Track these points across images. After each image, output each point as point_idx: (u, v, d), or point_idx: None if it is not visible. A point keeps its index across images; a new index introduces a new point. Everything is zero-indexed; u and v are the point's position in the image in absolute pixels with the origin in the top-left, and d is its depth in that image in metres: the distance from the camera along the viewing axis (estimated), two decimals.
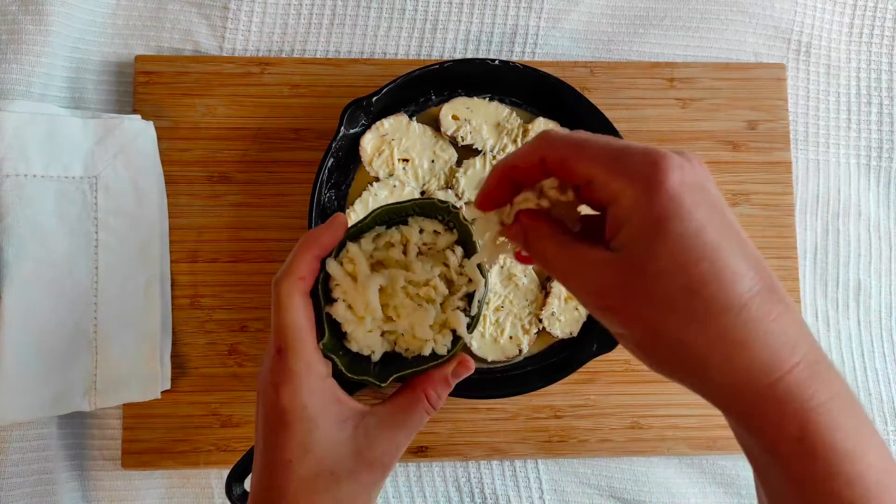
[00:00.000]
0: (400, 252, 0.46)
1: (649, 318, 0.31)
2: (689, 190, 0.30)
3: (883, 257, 0.71)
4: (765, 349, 0.30)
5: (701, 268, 0.30)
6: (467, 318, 0.46)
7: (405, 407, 0.44)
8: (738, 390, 0.31)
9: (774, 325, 0.30)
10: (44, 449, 0.59)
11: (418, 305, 0.45)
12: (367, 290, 0.44)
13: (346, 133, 0.60)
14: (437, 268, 0.46)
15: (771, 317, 0.30)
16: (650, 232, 0.30)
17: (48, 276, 0.58)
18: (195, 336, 0.63)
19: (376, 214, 0.45)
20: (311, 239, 0.43)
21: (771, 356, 0.30)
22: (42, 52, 0.62)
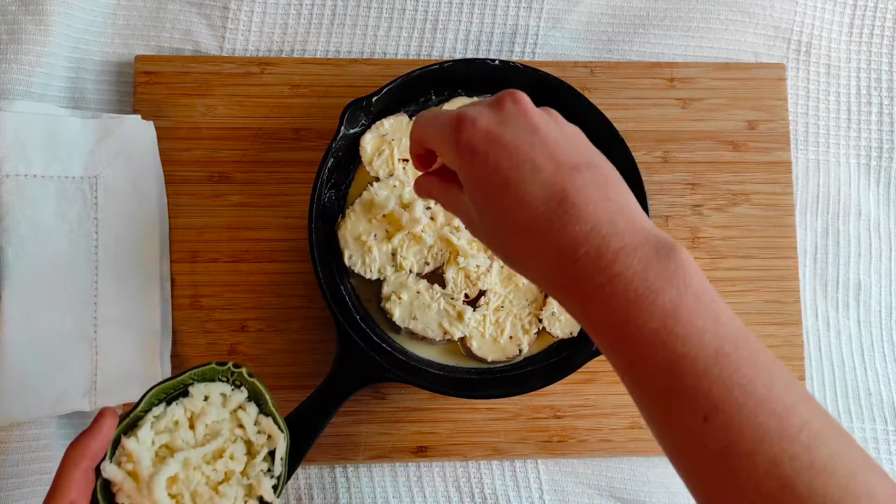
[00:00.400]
0: (188, 429, 0.44)
1: (489, 242, 0.41)
2: (480, 141, 0.38)
3: (883, 257, 0.71)
4: (556, 250, 0.37)
5: (500, 202, 0.38)
6: (273, 480, 0.45)
7: None
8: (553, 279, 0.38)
9: (559, 235, 0.36)
10: (44, 449, 0.59)
11: (217, 485, 0.43)
12: (153, 488, 0.41)
13: (346, 133, 0.60)
14: (233, 431, 0.45)
15: (555, 227, 0.36)
16: (463, 180, 0.40)
17: (48, 276, 0.58)
18: (195, 336, 0.63)
19: (150, 396, 0.43)
20: (76, 451, 0.41)
21: (561, 251, 0.36)
22: (42, 52, 0.62)
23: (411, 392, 0.63)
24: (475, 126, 0.39)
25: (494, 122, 0.39)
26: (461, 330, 0.60)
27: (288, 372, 0.63)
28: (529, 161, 0.38)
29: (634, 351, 0.35)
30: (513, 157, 0.38)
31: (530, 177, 0.37)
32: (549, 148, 0.38)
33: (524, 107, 0.40)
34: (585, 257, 0.35)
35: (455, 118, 0.40)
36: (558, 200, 0.37)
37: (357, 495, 0.63)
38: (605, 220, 0.36)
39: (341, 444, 0.62)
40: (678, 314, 0.34)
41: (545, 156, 0.38)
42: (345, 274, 0.61)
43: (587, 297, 0.36)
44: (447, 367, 0.61)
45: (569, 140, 0.40)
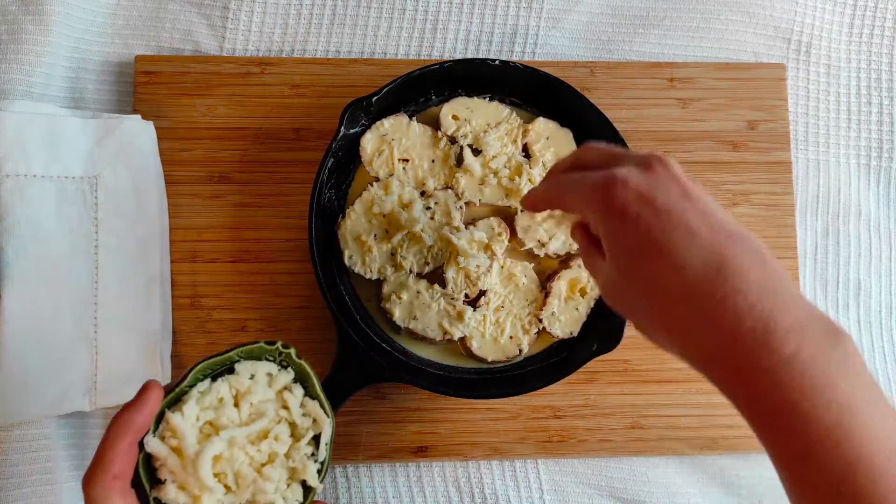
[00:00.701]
0: (232, 407, 0.42)
1: (633, 313, 0.39)
2: (633, 202, 0.37)
3: (883, 257, 0.71)
4: (715, 323, 0.34)
5: (651, 267, 0.36)
6: (317, 465, 0.43)
7: None
8: (710, 357, 0.35)
9: (721, 306, 0.34)
10: (44, 449, 0.59)
11: (261, 467, 0.42)
12: (199, 465, 0.39)
13: (346, 133, 0.60)
14: (279, 412, 0.43)
15: (716, 297, 0.34)
16: (609, 244, 0.38)
17: (48, 276, 0.58)
18: (195, 336, 0.62)
19: (195, 372, 0.42)
20: (121, 424, 0.39)
21: (722, 324, 0.34)
22: (42, 52, 0.62)
23: (411, 392, 0.63)
24: (627, 187, 0.37)
25: (646, 184, 0.37)
26: (461, 330, 0.60)
27: None
28: (684, 226, 0.36)
29: (805, 446, 0.32)
30: (666, 221, 0.36)
31: (686, 242, 0.35)
32: (702, 213, 0.36)
33: (675, 171, 0.38)
34: (751, 334, 0.33)
35: (605, 179, 0.38)
36: (717, 268, 0.34)
37: (357, 495, 0.63)
38: (769, 293, 0.34)
39: (341, 444, 0.62)
40: (853, 409, 0.32)
41: (699, 221, 0.36)
42: (345, 274, 0.61)
43: (753, 380, 0.33)
44: (447, 367, 0.61)
45: (717, 208, 0.38)
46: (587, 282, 0.61)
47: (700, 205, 0.37)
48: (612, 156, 0.41)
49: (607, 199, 0.37)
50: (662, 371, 0.65)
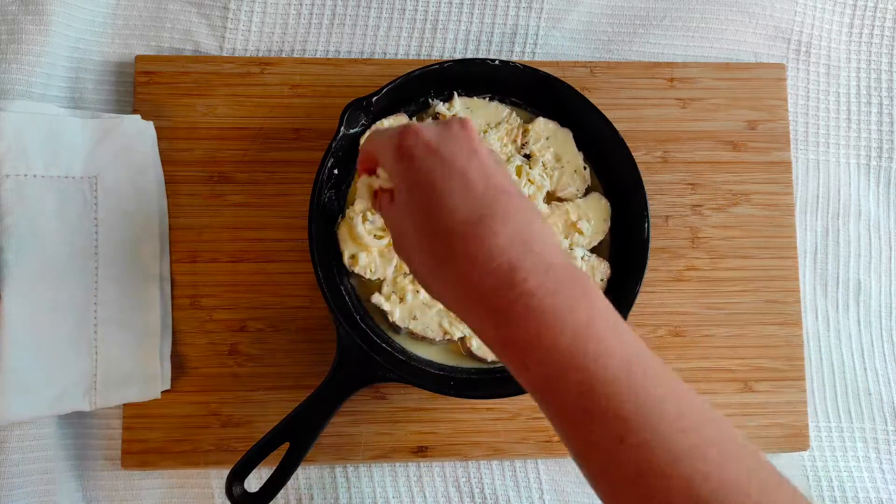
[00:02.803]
0: None
1: (410, 254, 0.42)
2: (420, 149, 0.40)
3: (883, 257, 0.71)
4: (469, 259, 0.37)
5: (425, 203, 0.39)
6: None
7: None
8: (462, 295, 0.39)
9: (475, 245, 0.37)
10: (44, 449, 0.59)
11: None
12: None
13: (346, 133, 0.60)
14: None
15: (473, 237, 0.37)
16: (396, 185, 0.42)
17: (48, 276, 0.58)
18: (195, 336, 0.63)
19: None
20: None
21: (474, 261, 0.37)
22: (42, 52, 0.62)
23: (411, 392, 0.63)
24: (418, 136, 0.41)
25: (437, 137, 0.41)
26: (461, 330, 0.60)
27: (288, 372, 0.63)
28: (462, 174, 0.39)
29: (548, 369, 0.35)
30: (446, 168, 0.39)
31: (460, 189, 0.39)
32: (485, 169, 0.40)
33: (469, 131, 0.42)
34: (498, 271, 0.36)
35: (401, 128, 0.42)
36: (482, 215, 0.38)
37: (357, 495, 0.63)
38: (521, 241, 0.37)
39: (341, 444, 0.62)
40: (589, 332, 0.35)
41: (478, 175, 0.39)
42: (345, 274, 0.61)
43: (498, 313, 0.36)
44: (447, 367, 0.61)
45: (502, 169, 0.41)
46: None
47: (484, 164, 0.40)
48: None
49: (399, 145, 0.41)
50: None
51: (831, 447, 0.67)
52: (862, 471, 0.66)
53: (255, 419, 0.62)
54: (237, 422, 0.62)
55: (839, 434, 0.67)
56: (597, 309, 0.36)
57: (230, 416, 0.62)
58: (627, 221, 0.62)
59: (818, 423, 0.67)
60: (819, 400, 0.68)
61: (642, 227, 0.60)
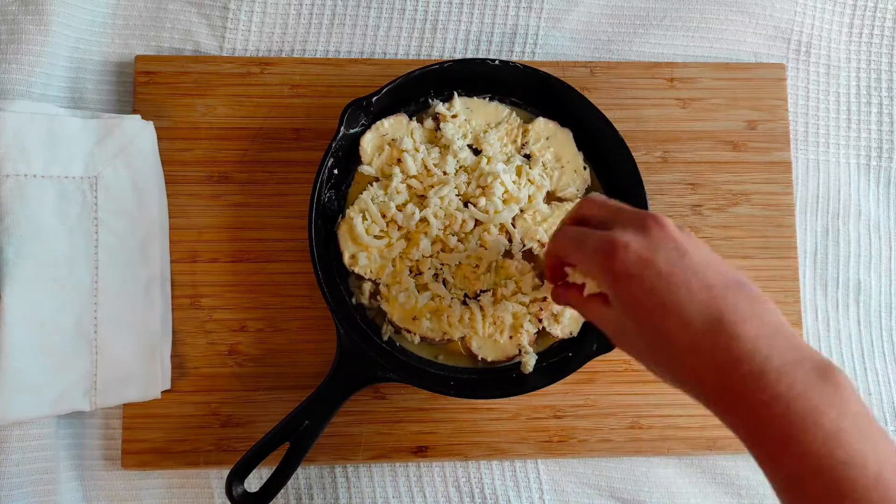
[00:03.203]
0: None
1: (641, 356, 0.44)
2: (634, 266, 0.41)
3: (883, 257, 0.71)
4: (718, 367, 0.39)
5: (658, 322, 0.41)
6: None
7: None
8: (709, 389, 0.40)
9: (722, 353, 0.38)
10: (44, 449, 0.59)
11: None
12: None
13: (346, 133, 0.60)
14: None
15: (717, 346, 0.39)
16: (618, 302, 0.43)
17: (48, 275, 0.58)
18: (195, 336, 0.63)
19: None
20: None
21: (723, 369, 0.38)
22: (42, 52, 0.62)
23: (411, 392, 0.63)
24: (628, 251, 0.42)
25: (646, 247, 0.42)
26: (461, 330, 0.60)
27: (288, 372, 0.63)
28: (684, 285, 0.41)
29: (796, 470, 0.36)
30: (668, 282, 0.41)
31: (686, 299, 0.40)
32: (699, 271, 0.41)
33: (670, 231, 0.43)
34: (749, 376, 0.37)
35: (607, 244, 0.43)
36: (717, 320, 0.39)
37: (357, 495, 0.63)
38: (764, 338, 0.38)
39: (341, 444, 0.62)
40: (840, 437, 0.35)
41: (697, 278, 0.41)
42: (345, 274, 0.61)
43: (750, 415, 0.38)
44: (447, 367, 0.61)
45: (713, 261, 0.42)
46: None
47: (696, 261, 0.42)
48: (612, 212, 0.46)
49: (612, 262, 0.42)
50: None
51: None
52: None
53: (255, 419, 0.62)
54: (237, 422, 0.62)
55: None
56: (849, 409, 0.36)
57: (230, 416, 0.62)
58: None
59: None
60: None
61: None
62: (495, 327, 0.60)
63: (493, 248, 0.60)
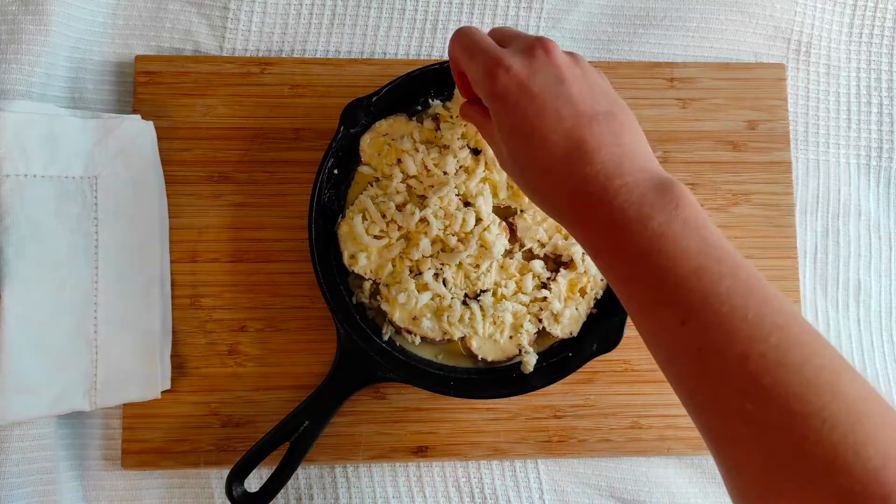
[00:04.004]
0: None
1: (516, 177, 0.47)
2: (512, 89, 0.43)
3: (883, 257, 0.71)
4: (570, 187, 0.42)
5: (526, 144, 0.44)
6: None
7: None
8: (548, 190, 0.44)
9: (574, 176, 0.42)
10: (44, 449, 0.59)
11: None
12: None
13: (346, 133, 0.60)
14: None
15: (571, 169, 0.42)
16: (495, 122, 0.46)
17: (48, 275, 0.58)
18: (195, 336, 0.63)
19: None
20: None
21: (574, 189, 0.42)
22: (42, 52, 0.62)
23: (411, 392, 0.63)
24: (508, 74, 0.44)
25: (525, 71, 0.44)
26: (461, 330, 0.60)
27: (288, 372, 0.63)
28: (554, 111, 0.43)
29: (627, 269, 0.40)
30: (540, 108, 0.43)
31: (553, 125, 0.43)
32: (573, 98, 0.43)
33: (553, 57, 0.45)
34: (593, 195, 0.41)
35: (492, 62, 0.44)
36: (575, 146, 0.42)
37: (357, 495, 0.63)
38: (612, 163, 0.41)
39: (341, 444, 0.62)
40: (664, 236, 0.39)
41: (568, 106, 0.43)
42: (345, 274, 0.61)
43: (592, 226, 0.42)
44: (447, 367, 0.61)
45: (592, 90, 0.44)
46: (587, 282, 0.61)
47: (573, 90, 0.44)
48: (512, 34, 0.48)
49: (493, 83, 0.44)
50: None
51: None
52: None
53: (255, 419, 0.62)
54: (237, 422, 0.62)
55: None
56: (679, 215, 0.39)
57: (230, 416, 0.62)
58: None
59: None
60: None
61: None
62: (495, 327, 0.60)
63: (493, 248, 0.60)
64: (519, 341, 0.60)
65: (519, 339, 0.60)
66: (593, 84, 0.45)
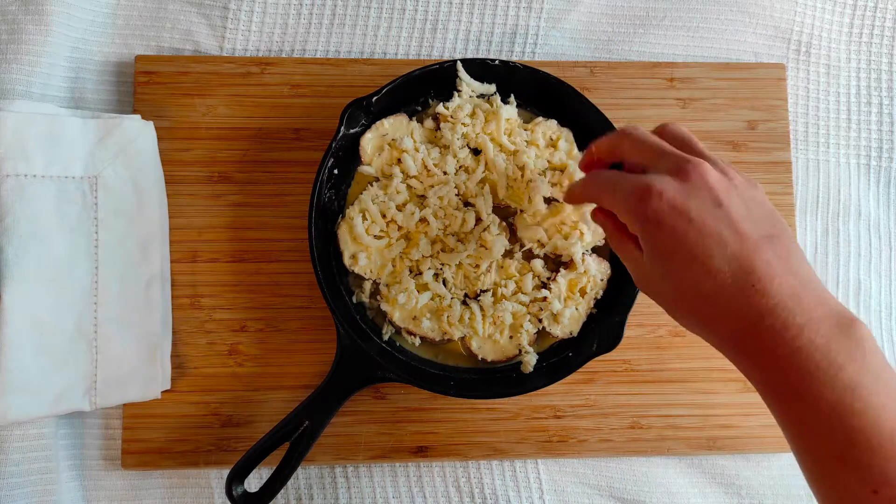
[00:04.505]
0: None
1: (664, 302, 0.45)
2: (667, 213, 0.41)
3: (883, 257, 0.71)
4: (741, 319, 0.40)
5: (685, 270, 0.41)
6: None
7: None
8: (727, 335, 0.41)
9: (746, 306, 0.39)
10: (44, 449, 0.59)
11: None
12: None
13: (346, 133, 0.60)
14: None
15: (742, 299, 0.39)
16: (647, 247, 0.43)
17: (48, 275, 0.58)
18: (195, 336, 0.63)
19: None
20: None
21: (746, 321, 0.39)
22: (42, 52, 0.62)
23: (411, 392, 0.63)
24: (662, 198, 0.41)
25: (680, 195, 0.42)
26: (461, 330, 0.60)
27: (288, 372, 0.63)
28: (716, 235, 0.41)
29: (810, 420, 0.37)
30: (699, 232, 0.41)
31: (717, 251, 0.40)
32: (734, 222, 0.41)
33: (707, 179, 0.42)
34: (770, 329, 0.38)
35: (641, 188, 0.42)
36: (745, 273, 0.40)
37: (357, 495, 0.63)
38: (789, 295, 0.39)
39: (341, 444, 0.62)
40: (857, 390, 0.36)
41: (730, 230, 0.41)
42: (345, 274, 0.61)
43: (769, 366, 0.39)
44: (447, 367, 0.61)
45: (751, 210, 0.42)
46: (587, 282, 0.61)
47: (732, 212, 0.41)
48: (651, 153, 0.45)
49: (644, 207, 0.42)
50: (662, 371, 0.65)
51: None
52: None
53: (255, 419, 0.62)
54: (237, 422, 0.62)
55: None
56: (868, 364, 0.37)
57: (230, 416, 0.62)
58: None
59: None
60: None
61: None
62: (495, 327, 0.60)
63: (493, 248, 0.60)
64: (519, 341, 0.60)
65: (519, 340, 0.60)
66: (750, 203, 0.43)
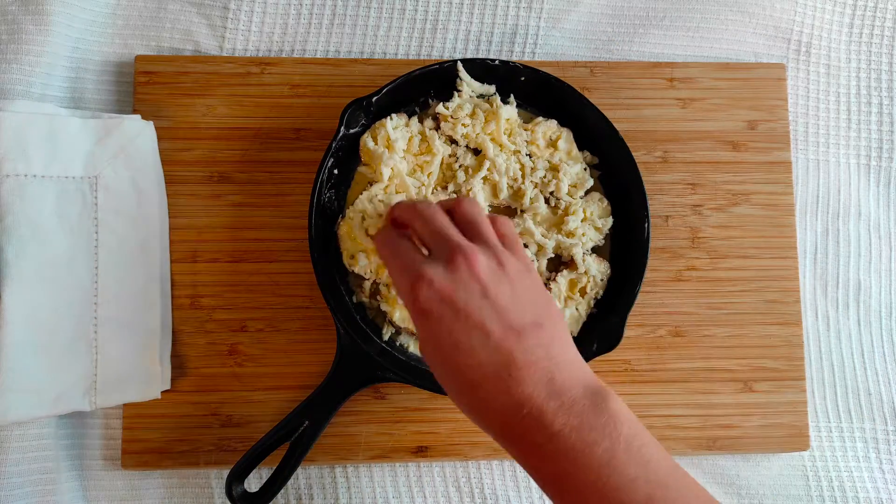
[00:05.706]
0: None
1: (442, 384, 0.46)
2: (435, 303, 0.42)
3: (883, 257, 0.71)
4: (503, 409, 0.42)
5: (453, 360, 0.42)
6: None
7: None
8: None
9: (506, 396, 0.41)
10: (44, 449, 0.59)
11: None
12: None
13: (346, 133, 0.60)
14: None
15: (501, 389, 0.41)
16: (420, 336, 0.45)
17: (48, 275, 0.58)
18: (195, 336, 0.63)
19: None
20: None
21: (507, 411, 0.41)
22: (42, 52, 0.62)
23: (411, 392, 0.63)
24: (431, 288, 0.42)
25: (449, 286, 0.43)
26: None
27: (288, 372, 0.63)
28: (480, 327, 0.42)
29: (574, 497, 0.40)
30: (465, 323, 0.42)
31: (480, 342, 0.42)
32: (500, 312, 0.42)
33: (476, 270, 0.43)
34: (528, 417, 0.40)
35: (414, 274, 0.43)
36: (505, 364, 0.41)
37: (357, 495, 0.63)
38: (545, 381, 0.41)
39: (341, 444, 0.62)
40: (611, 465, 0.39)
41: (495, 320, 0.42)
42: (345, 274, 0.61)
43: (532, 453, 0.41)
44: None
45: (519, 298, 0.43)
46: (587, 282, 0.61)
47: (499, 302, 0.42)
48: (433, 237, 0.46)
49: (415, 295, 0.43)
50: (662, 371, 0.65)
51: (831, 447, 0.67)
52: (862, 471, 0.66)
53: (255, 419, 0.62)
54: (237, 422, 0.62)
55: (839, 434, 0.67)
56: (620, 436, 0.40)
57: (230, 416, 0.62)
58: (627, 221, 0.62)
59: (818, 423, 0.67)
60: (819, 400, 0.68)
61: (642, 227, 0.60)
62: None
63: None
64: None
65: None
66: (521, 291, 0.44)
